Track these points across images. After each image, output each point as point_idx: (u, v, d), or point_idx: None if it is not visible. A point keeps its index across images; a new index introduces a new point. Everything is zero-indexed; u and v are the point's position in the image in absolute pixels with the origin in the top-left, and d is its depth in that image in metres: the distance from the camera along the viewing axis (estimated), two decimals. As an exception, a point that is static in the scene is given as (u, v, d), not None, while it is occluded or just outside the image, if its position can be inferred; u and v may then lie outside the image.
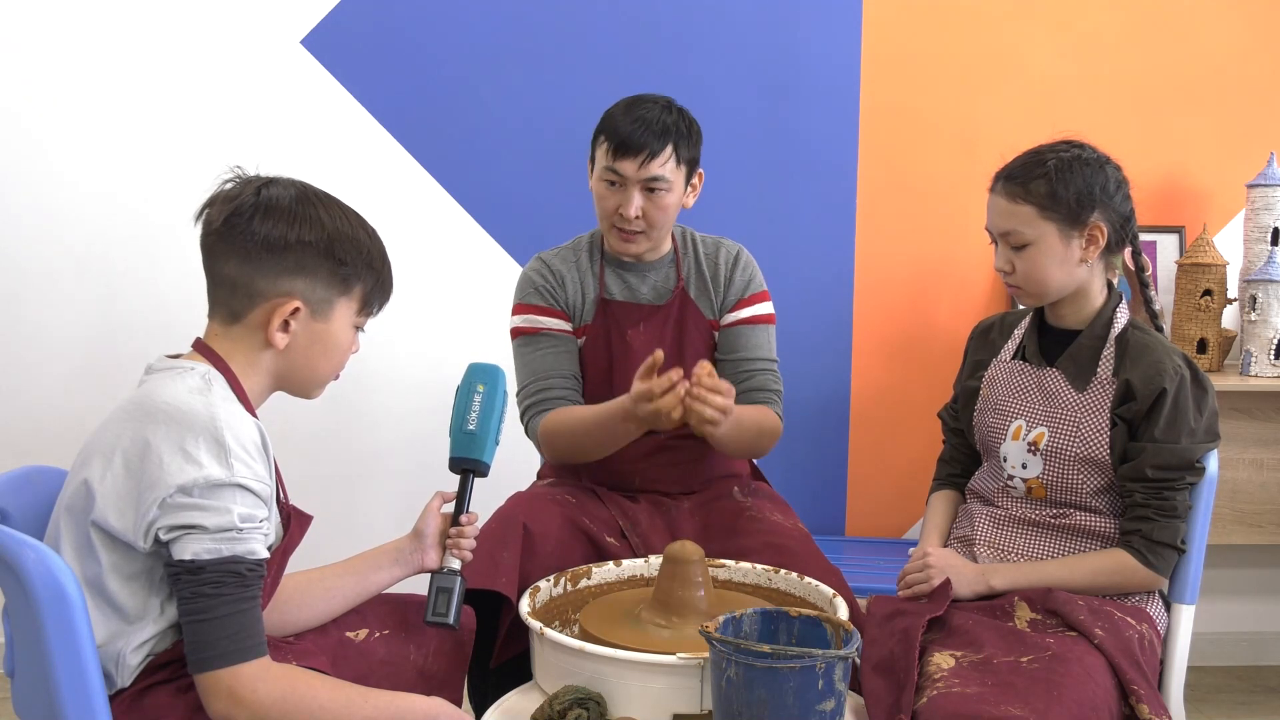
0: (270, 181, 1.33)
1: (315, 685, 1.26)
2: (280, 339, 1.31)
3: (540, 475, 2.14)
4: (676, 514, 1.93)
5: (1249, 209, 2.59)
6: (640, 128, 1.84)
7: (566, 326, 1.97)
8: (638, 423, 1.73)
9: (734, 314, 1.98)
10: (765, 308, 2.00)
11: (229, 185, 1.32)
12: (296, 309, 1.31)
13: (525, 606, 1.61)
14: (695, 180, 1.96)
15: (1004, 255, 1.65)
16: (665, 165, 1.86)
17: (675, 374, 1.65)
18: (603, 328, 1.97)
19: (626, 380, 1.91)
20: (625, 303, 1.97)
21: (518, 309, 1.99)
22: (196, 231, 1.33)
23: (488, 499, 1.81)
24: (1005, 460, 1.70)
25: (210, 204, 1.32)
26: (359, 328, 1.41)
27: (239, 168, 1.35)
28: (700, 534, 1.88)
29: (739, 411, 1.77)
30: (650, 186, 1.86)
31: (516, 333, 1.98)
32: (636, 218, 1.87)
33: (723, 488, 2.02)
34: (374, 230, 1.39)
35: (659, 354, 1.68)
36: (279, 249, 1.29)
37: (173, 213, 2.54)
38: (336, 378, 1.41)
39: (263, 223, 1.29)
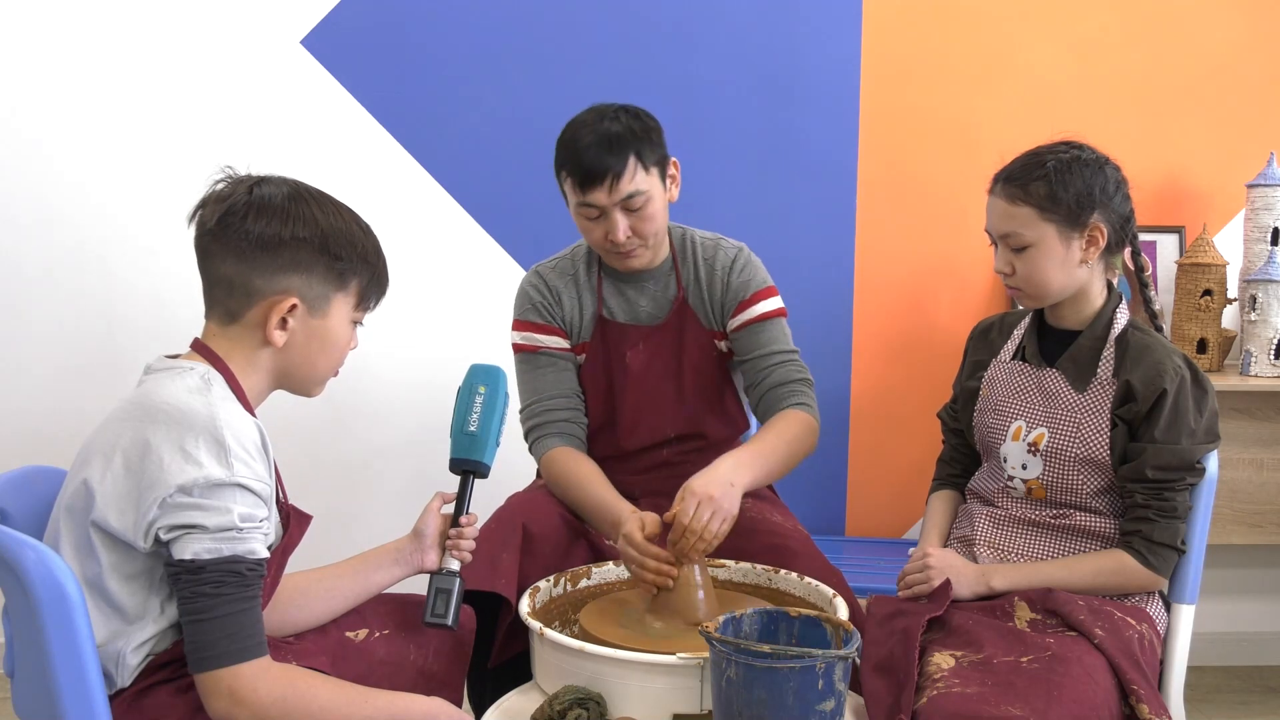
0: (262, 180, 1.33)
1: (315, 685, 1.26)
2: (278, 337, 1.31)
3: (540, 475, 2.13)
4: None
5: (1249, 209, 2.59)
6: (596, 151, 1.75)
7: (565, 344, 1.94)
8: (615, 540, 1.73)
9: (738, 317, 1.92)
10: (771, 304, 1.93)
11: (221, 185, 1.33)
12: (294, 306, 1.31)
13: (525, 607, 1.61)
14: (672, 172, 1.88)
15: (1004, 257, 1.65)
16: (635, 178, 1.78)
17: (668, 569, 1.61)
18: (601, 347, 1.95)
19: (627, 403, 1.93)
20: (623, 324, 1.94)
21: (516, 325, 1.96)
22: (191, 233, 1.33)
23: (487, 500, 1.81)
24: (1005, 461, 1.70)
25: (203, 204, 1.32)
26: (357, 323, 1.41)
27: (230, 167, 1.36)
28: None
29: (764, 450, 1.76)
30: (630, 206, 1.79)
31: (517, 349, 1.96)
32: (628, 238, 1.81)
33: None
34: (368, 225, 1.39)
35: (657, 522, 1.65)
36: (274, 246, 1.29)
37: (172, 213, 2.54)
38: (336, 374, 1.42)
39: (256, 221, 1.29)
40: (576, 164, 1.77)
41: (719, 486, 1.62)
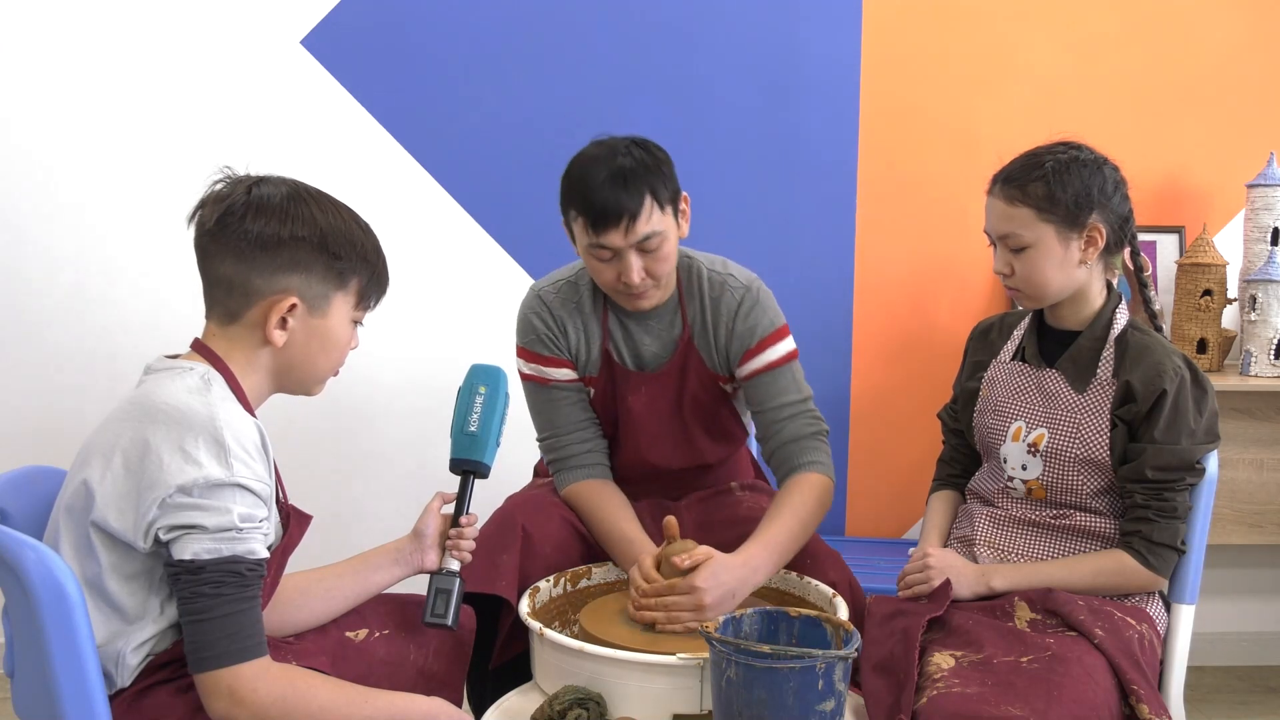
0: (261, 180, 1.33)
1: (315, 685, 1.26)
2: (278, 336, 1.31)
3: (538, 472, 2.14)
4: (676, 513, 1.93)
5: (1249, 209, 2.59)
6: (611, 191, 1.65)
7: (573, 375, 1.88)
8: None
9: (747, 365, 1.84)
10: (779, 349, 1.84)
11: (220, 186, 1.33)
12: (293, 305, 1.31)
13: (525, 607, 1.62)
14: (683, 208, 1.79)
15: (1003, 258, 1.65)
16: (652, 218, 1.68)
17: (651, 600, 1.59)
18: (609, 384, 1.88)
19: (630, 442, 1.90)
20: (627, 370, 1.87)
21: (522, 353, 1.89)
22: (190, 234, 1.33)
23: (486, 500, 1.81)
24: (1005, 461, 1.70)
25: (202, 205, 1.32)
26: (357, 322, 1.41)
27: (228, 168, 1.36)
28: (699, 531, 1.88)
29: (783, 531, 1.70)
30: (645, 247, 1.70)
31: (525, 377, 1.90)
32: (642, 280, 1.72)
33: (723, 486, 2.03)
34: (367, 225, 1.39)
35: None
36: (273, 246, 1.29)
37: (173, 212, 2.54)
38: (336, 374, 1.42)
39: (255, 221, 1.29)
40: (589, 204, 1.66)
41: (721, 594, 1.58)
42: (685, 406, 1.89)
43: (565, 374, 1.88)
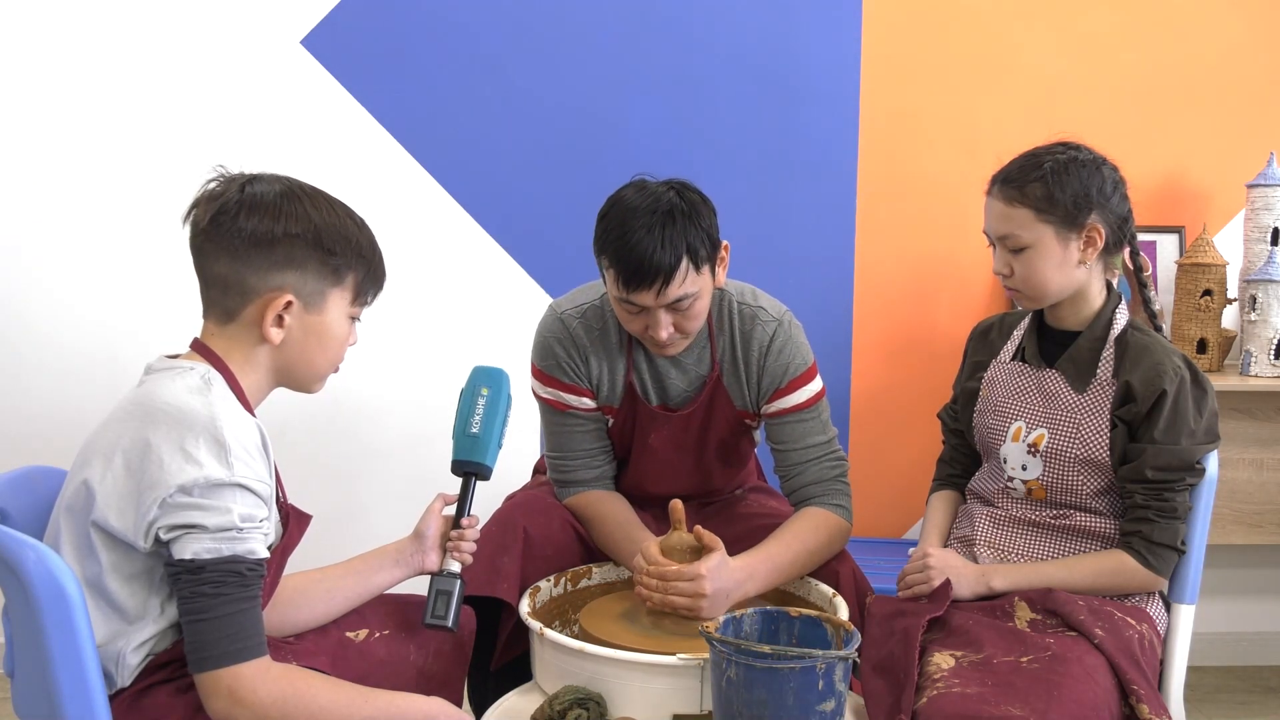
0: (254, 178, 1.33)
1: (315, 685, 1.26)
2: (275, 334, 1.31)
3: (537, 469, 2.13)
4: (677, 515, 1.93)
5: (1249, 209, 2.59)
6: (646, 251, 1.58)
7: (593, 405, 1.84)
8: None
9: (774, 404, 1.81)
10: (808, 390, 1.81)
11: (213, 184, 1.32)
12: (289, 303, 1.31)
13: (525, 607, 1.62)
14: (722, 255, 1.72)
15: (1002, 258, 1.65)
16: (686, 281, 1.62)
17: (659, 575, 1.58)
18: (630, 418, 1.85)
19: (643, 471, 1.89)
20: (651, 408, 1.83)
21: (540, 376, 1.84)
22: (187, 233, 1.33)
23: (486, 501, 1.81)
24: (1005, 462, 1.70)
25: (196, 204, 1.32)
26: (354, 318, 1.41)
27: (222, 167, 1.36)
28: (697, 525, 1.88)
29: (781, 559, 1.68)
30: (677, 307, 1.65)
31: (541, 399, 1.87)
32: (670, 335, 1.68)
33: (728, 496, 2.03)
34: (362, 220, 1.39)
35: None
36: (267, 243, 1.29)
37: (172, 212, 2.52)
38: (336, 370, 1.41)
39: (249, 219, 1.28)
40: (621, 261, 1.60)
41: (718, 588, 1.57)
42: (708, 444, 1.88)
43: (585, 403, 1.83)
